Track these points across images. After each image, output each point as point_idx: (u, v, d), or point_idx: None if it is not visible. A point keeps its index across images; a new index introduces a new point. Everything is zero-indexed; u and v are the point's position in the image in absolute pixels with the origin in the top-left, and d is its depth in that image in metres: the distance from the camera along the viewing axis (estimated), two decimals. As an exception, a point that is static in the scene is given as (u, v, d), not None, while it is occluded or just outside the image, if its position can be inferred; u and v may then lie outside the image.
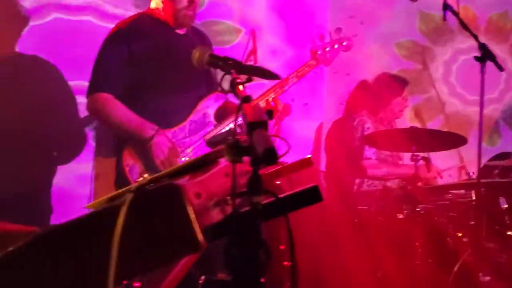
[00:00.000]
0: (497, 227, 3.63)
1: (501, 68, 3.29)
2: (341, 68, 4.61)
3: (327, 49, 3.33)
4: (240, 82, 1.63)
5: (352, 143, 4.16)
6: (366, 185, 4.11)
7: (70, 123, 3.74)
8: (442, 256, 3.49)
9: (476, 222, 3.42)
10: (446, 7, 3.23)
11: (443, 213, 3.67)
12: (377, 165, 4.10)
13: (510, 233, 3.61)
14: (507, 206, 3.65)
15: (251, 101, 1.46)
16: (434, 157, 4.15)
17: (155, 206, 1.15)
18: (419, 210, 3.56)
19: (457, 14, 3.27)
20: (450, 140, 3.83)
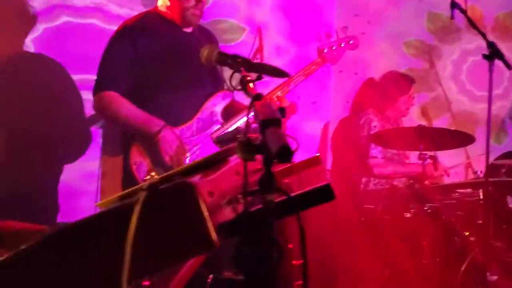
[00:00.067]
0: (504, 226, 3.61)
1: (509, 66, 3.29)
2: (349, 67, 4.60)
3: (334, 47, 3.33)
4: (250, 80, 1.63)
5: (358, 142, 4.15)
6: (373, 183, 4.10)
7: (76, 122, 3.73)
8: (450, 255, 3.48)
9: (483, 221, 3.41)
10: (454, 5, 3.22)
11: (451, 212, 3.65)
12: (383, 163, 4.09)
13: (517, 232, 3.60)
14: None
15: (263, 98, 1.45)
16: (440, 155, 4.13)
17: (169, 204, 1.14)
18: (426, 209, 3.56)
19: (465, 12, 3.26)
20: (458, 138, 3.82)
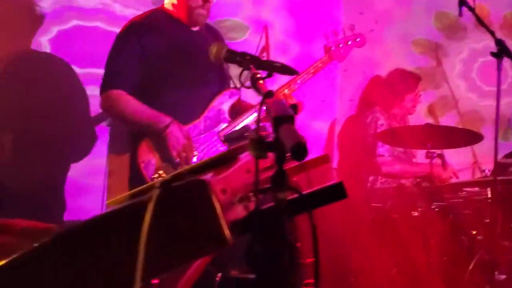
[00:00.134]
0: (512, 225, 3.60)
1: (517, 63, 3.27)
2: (357, 65, 4.58)
3: (341, 45, 3.34)
4: (261, 77, 1.62)
5: (365, 140, 4.14)
6: (380, 182, 4.08)
7: (82, 121, 3.73)
8: (457, 254, 3.47)
9: (491, 220, 3.40)
10: (462, 3, 3.21)
11: (458, 210, 3.64)
12: (390, 162, 4.07)
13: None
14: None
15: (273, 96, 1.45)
16: (446, 153, 4.11)
17: (182, 202, 1.14)
18: (434, 207, 3.54)
19: (473, 9, 3.24)
20: (466, 137, 3.81)
